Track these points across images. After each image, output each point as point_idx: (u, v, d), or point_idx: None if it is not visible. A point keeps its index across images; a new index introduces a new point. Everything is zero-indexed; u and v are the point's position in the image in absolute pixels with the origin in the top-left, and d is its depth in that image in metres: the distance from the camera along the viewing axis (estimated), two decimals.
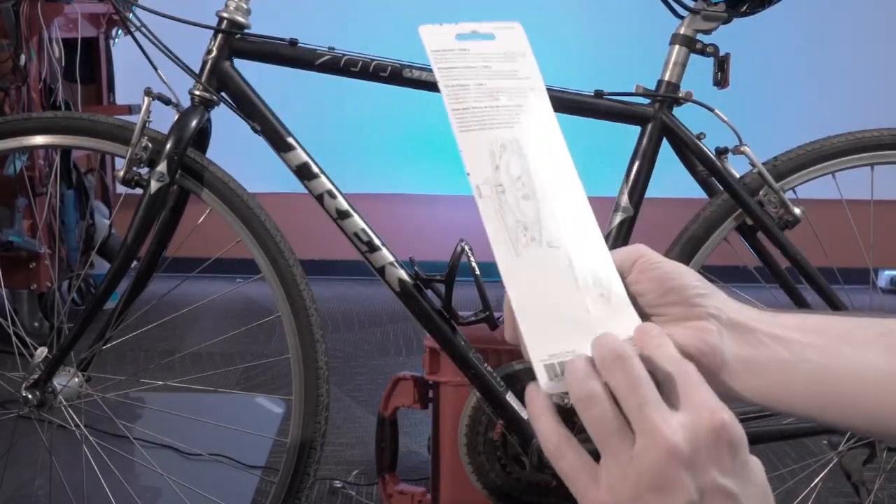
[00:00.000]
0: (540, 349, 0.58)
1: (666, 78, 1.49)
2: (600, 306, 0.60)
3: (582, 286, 0.60)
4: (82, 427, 1.56)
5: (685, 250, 1.52)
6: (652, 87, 1.50)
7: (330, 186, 1.43)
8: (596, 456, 0.52)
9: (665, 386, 0.52)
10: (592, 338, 0.58)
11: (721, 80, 1.50)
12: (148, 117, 1.45)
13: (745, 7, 1.47)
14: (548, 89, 0.67)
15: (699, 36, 1.49)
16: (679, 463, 0.48)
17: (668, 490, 0.48)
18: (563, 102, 1.46)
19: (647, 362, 0.53)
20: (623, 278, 0.62)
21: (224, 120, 1.51)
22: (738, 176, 1.51)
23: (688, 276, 0.62)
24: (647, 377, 0.52)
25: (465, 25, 0.68)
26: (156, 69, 1.47)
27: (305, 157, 1.44)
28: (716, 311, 0.61)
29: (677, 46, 1.49)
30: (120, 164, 1.47)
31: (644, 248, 0.63)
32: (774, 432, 1.58)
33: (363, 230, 1.42)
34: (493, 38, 0.68)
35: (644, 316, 0.62)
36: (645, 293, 0.61)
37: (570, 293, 0.60)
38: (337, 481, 2.03)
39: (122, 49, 3.34)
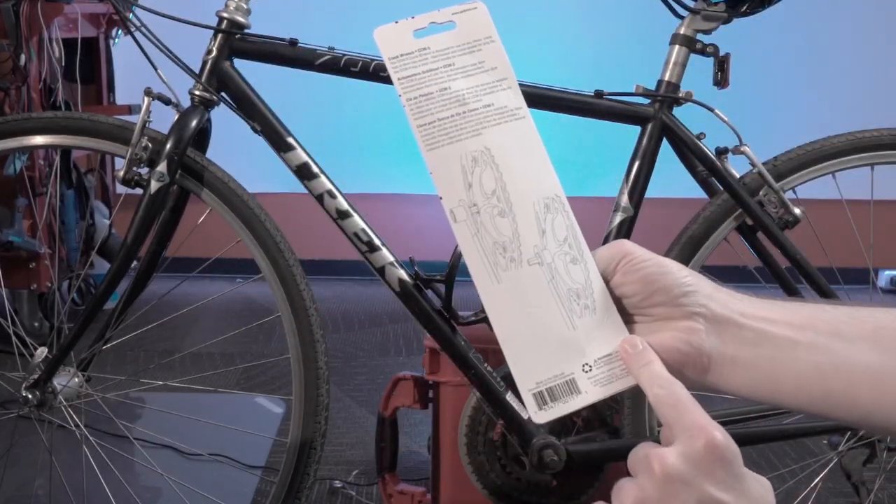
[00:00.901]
0: (527, 378, 0.58)
1: (666, 78, 1.49)
2: (586, 318, 0.60)
3: (565, 301, 0.60)
4: (82, 427, 1.56)
5: (685, 250, 1.52)
6: (652, 87, 1.50)
7: (330, 186, 1.43)
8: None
9: (656, 408, 0.56)
10: (579, 357, 0.59)
11: (721, 80, 1.50)
12: (148, 117, 1.45)
13: (745, 7, 1.47)
14: (548, 89, 0.65)
15: (699, 36, 1.49)
16: (677, 483, 0.53)
17: None
18: (563, 102, 1.45)
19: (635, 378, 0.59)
20: (607, 281, 0.62)
21: (224, 120, 1.51)
22: (738, 176, 1.51)
23: (672, 275, 0.61)
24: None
25: (422, 18, 0.64)
26: (156, 69, 1.47)
27: (305, 157, 1.44)
28: (701, 309, 0.60)
29: (677, 46, 1.49)
30: (120, 164, 1.47)
31: (629, 246, 0.62)
32: (774, 432, 1.57)
33: (363, 230, 1.42)
34: (454, 26, 0.64)
35: (629, 317, 0.62)
36: (630, 295, 0.61)
37: (553, 312, 0.60)
38: (337, 481, 2.03)
39: (122, 49, 3.34)
